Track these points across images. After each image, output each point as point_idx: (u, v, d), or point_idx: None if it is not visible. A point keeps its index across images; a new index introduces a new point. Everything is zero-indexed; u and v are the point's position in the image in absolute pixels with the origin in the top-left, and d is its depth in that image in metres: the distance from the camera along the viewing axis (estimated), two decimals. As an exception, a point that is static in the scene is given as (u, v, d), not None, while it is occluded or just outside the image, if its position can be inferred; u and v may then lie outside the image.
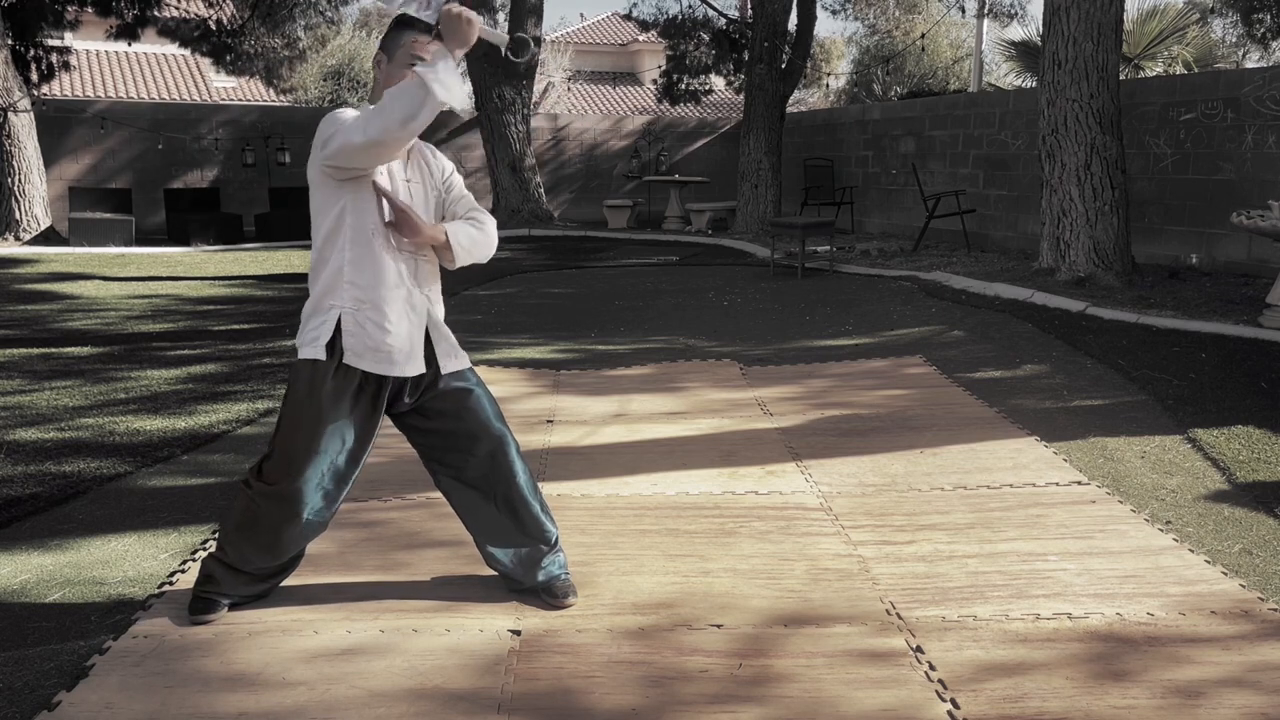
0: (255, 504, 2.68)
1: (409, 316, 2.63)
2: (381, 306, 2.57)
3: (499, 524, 2.81)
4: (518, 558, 2.84)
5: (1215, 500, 3.68)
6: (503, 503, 2.78)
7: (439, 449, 2.78)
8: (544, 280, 9.79)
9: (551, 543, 2.87)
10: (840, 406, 4.99)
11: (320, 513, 2.69)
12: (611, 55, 30.06)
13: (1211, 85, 9.08)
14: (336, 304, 2.58)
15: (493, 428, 2.77)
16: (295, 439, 2.61)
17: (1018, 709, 2.31)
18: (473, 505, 2.81)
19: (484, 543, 2.85)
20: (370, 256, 2.57)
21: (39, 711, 2.30)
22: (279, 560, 2.78)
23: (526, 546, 2.83)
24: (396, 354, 2.60)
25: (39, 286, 9.27)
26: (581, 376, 5.76)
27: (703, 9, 15.38)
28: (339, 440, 2.63)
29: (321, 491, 2.66)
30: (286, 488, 2.63)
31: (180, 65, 24.57)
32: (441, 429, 2.75)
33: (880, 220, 13.87)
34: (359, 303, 2.57)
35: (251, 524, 2.70)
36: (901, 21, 28.06)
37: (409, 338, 2.63)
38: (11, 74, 12.44)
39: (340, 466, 2.66)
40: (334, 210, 2.56)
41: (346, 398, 2.61)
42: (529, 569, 2.85)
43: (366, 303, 2.57)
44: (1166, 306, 7.08)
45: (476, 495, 2.79)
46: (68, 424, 4.68)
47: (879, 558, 3.18)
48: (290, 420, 2.63)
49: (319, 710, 2.32)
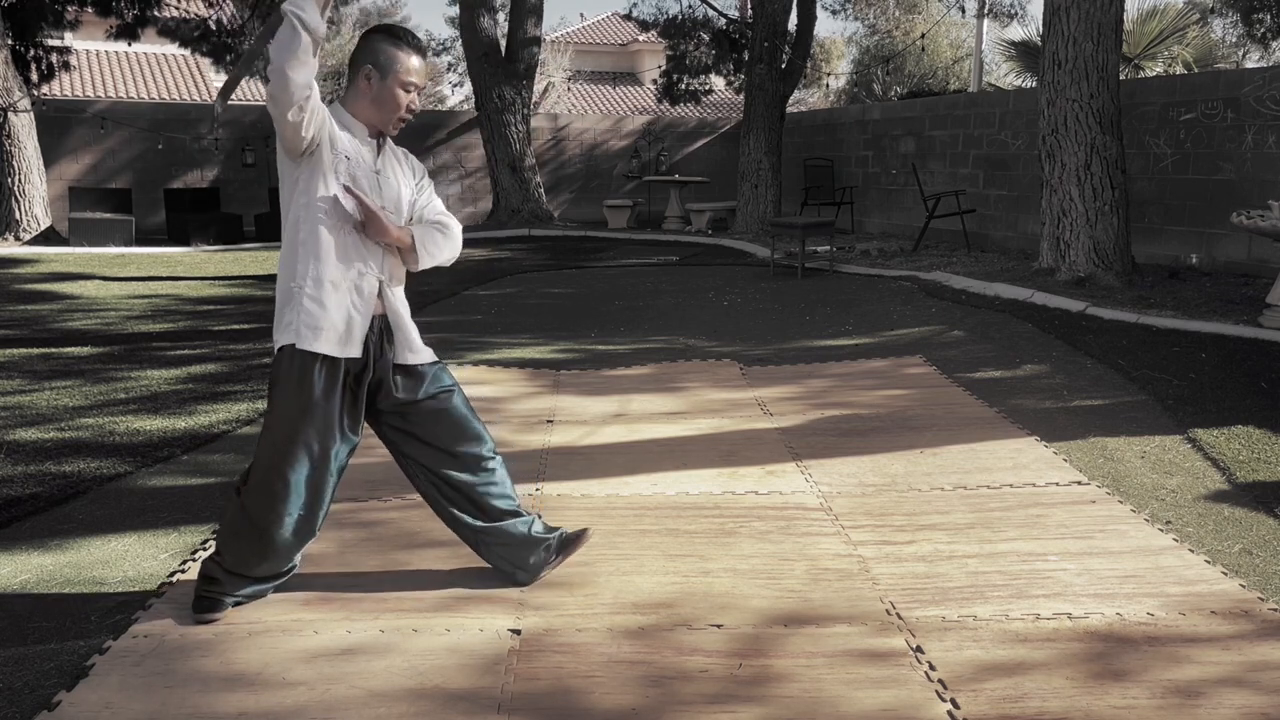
0: (245, 509, 2.70)
1: (352, 297, 2.62)
2: (323, 281, 2.59)
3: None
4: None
5: (1215, 500, 3.68)
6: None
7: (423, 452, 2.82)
8: (544, 280, 9.78)
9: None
10: (840, 406, 4.99)
11: (307, 510, 2.69)
12: (611, 55, 30.06)
13: (1211, 85, 9.08)
14: (294, 285, 2.61)
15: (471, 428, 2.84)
16: (276, 433, 2.64)
17: (1018, 709, 2.31)
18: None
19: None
20: (317, 234, 2.58)
21: (39, 711, 2.30)
22: (278, 567, 2.80)
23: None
24: (329, 332, 2.59)
25: (39, 286, 9.27)
26: (581, 376, 5.76)
27: (703, 9, 15.39)
28: (317, 431, 2.63)
29: (304, 486, 2.66)
30: (274, 484, 2.64)
31: (180, 65, 24.57)
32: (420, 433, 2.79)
33: (880, 220, 13.87)
34: (303, 278, 2.59)
35: (242, 528, 2.71)
36: (901, 21, 28.09)
37: (346, 318, 2.61)
38: (11, 74, 12.44)
39: (316, 456, 2.65)
40: (291, 190, 2.60)
41: (310, 383, 2.60)
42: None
43: (308, 278, 2.59)
44: (1166, 306, 7.08)
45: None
46: (68, 424, 4.68)
47: (879, 558, 3.18)
48: (270, 414, 2.67)
49: (319, 710, 2.32)
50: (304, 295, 2.58)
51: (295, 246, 2.60)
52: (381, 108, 2.63)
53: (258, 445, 2.71)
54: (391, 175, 2.72)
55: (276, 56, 2.39)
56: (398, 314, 2.73)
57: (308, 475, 2.66)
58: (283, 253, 2.65)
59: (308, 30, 2.38)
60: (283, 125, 2.45)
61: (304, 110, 2.43)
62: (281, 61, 2.37)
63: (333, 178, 2.58)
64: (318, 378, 2.61)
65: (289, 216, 2.62)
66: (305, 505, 2.69)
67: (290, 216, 2.61)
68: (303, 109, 2.42)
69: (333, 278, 2.59)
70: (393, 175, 2.72)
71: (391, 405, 2.76)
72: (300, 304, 2.59)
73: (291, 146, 2.51)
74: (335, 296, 2.60)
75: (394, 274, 2.72)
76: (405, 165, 2.79)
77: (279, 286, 2.66)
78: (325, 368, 2.61)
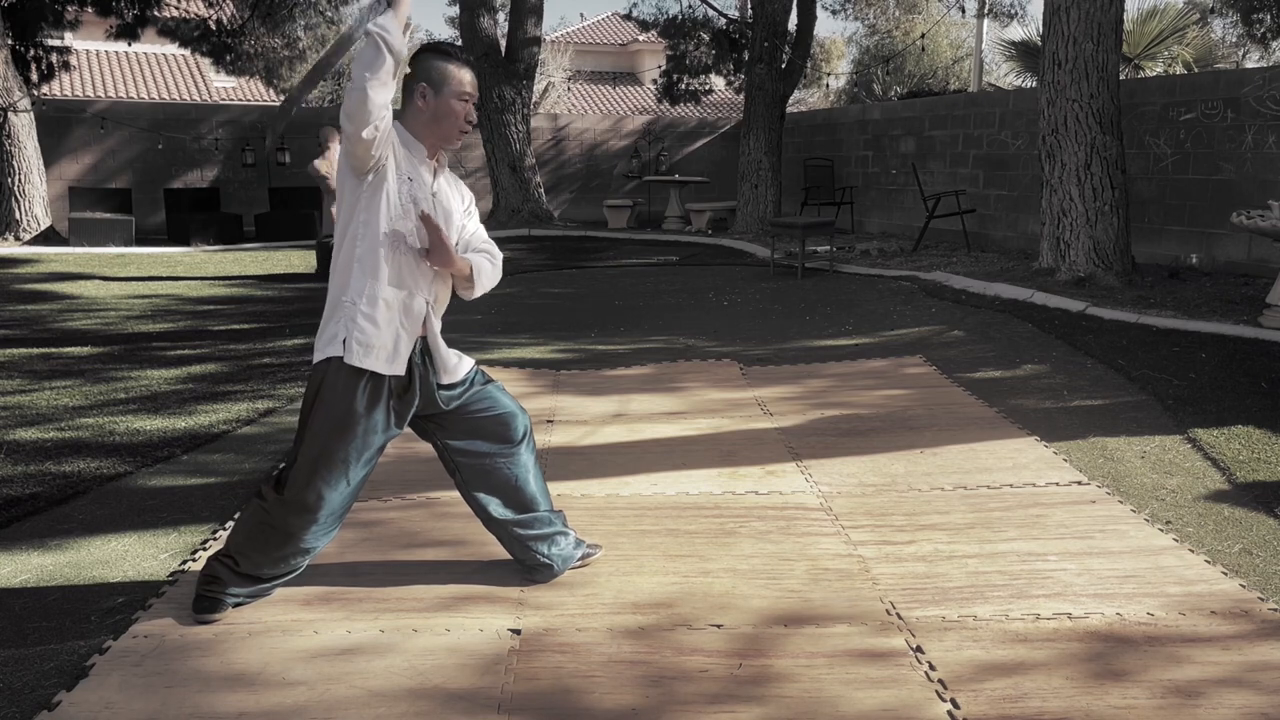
0: (270, 515, 2.70)
1: (400, 319, 2.65)
2: (378, 299, 2.61)
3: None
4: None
5: (1215, 500, 3.68)
6: None
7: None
8: (544, 280, 9.78)
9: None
10: (840, 406, 5.00)
11: (334, 519, 2.74)
12: (611, 55, 30.06)
13: (1211, 85, 9.08)
14: (348, 300, 2.62)
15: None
16: (315, 445, 2.63)
17: (1018, 709, 2.31)
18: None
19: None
20: (376, 254, 2.60)
21: (39, 711, 2.30)
22: (294, 569, 2.82)
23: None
24: (380, 350, 2.62)
25: (39, 286, 9.27)
26: (581, 376, 5.76)
27: (703, 9, 15.38)
28: (356, 446, 2.65)
29: (336, 498, 2.69)
30: (307, 496, 2.65)
31: (180, 65, 24.58)
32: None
33: (880, 220, 13.87)
34: (358, 296, 2.61)
35: (266, 536, 2.72)
36: (901, 21, 28.09)
37: (395, 337, 2.65)
38: (11, 74, 12.45)
39: (353, 470, 2.68)
40: (351, 207, 2.61)
41: (355, 399, 2.62)
42: None
43: (363, 296, 2.61)
44: (1166, 306, 7.08)
45: None
46: (68, 424, 4.69)
47: (879, 558, 3.18)
48: (310, 426, 2.65)
49: (319, 710, 2.32)
50: (358, 312, 2.60)
51: (351, 262, 2.62)
52: (441, 122, 2.66)
53: (294, 456, 2.68)
54: (445, 198, 2.75)
55: (359, 75, 2.43)
56: (436, 337, 2.76)
57: (342, 488, 2.68)
58: (336, 266, 2.65)
59: (392, 53, 2.44)
60: (355, 143, 2.48)
61: (378, 130, 2.48)
62: (364, 80, 2.42)
63: (395, 197, 2.62)
64: (361, 393, 2.63)
65: (346, 231, 2.63)
66: (335, 516, 2.74)
67: (348, 232, 2.62)
68: (377, 128, 2.47)
69: (386, 297, 2.62)
70: (445, 198, 2.76)
71: (433, 414, 2.81)
72: (354, 321, 2.60)
73: (359, 164, 2.54)
74: (387, 315, 2.62)
75: (439, 297, 2.78)
76: (456, 190, 2.84)
77: (330, 299, 2.67)
78: (370, 384, 2.63)
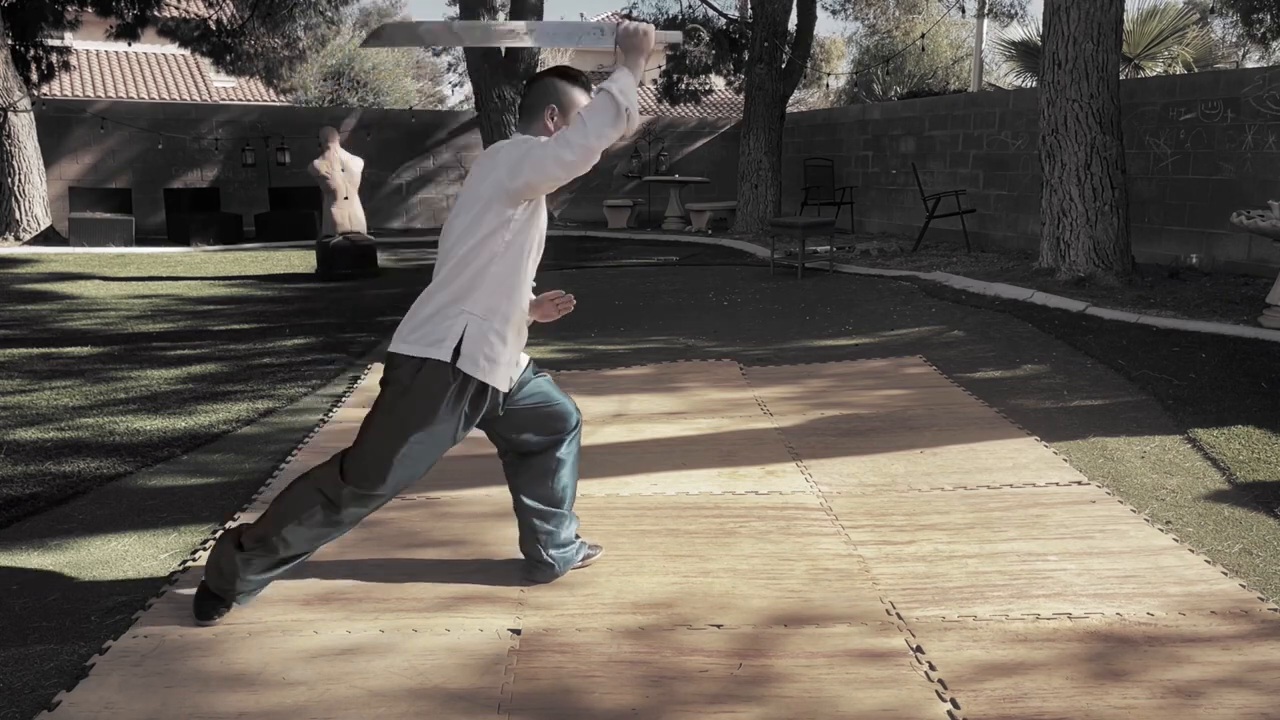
0: (330, 496, 2.65)
1: (517, 337, 2.76)
2: (508, 320, 2.68)
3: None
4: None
5: (1215, 500, 3.68)
6: None
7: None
8: (544, 280, 9.70)
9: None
10: (840, 406, 5.00)
11: (380, 508, 2.79)
12: (611, 55, 29.94)
13: (1211, 85, 9.08)
14: (468, 310, 2.62)
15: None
16: (398, 441, 2.61)
17: (1018, 709, 2.31)
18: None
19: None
20: (516, 275, 2.68)
21: (39, 711, 2.30)
22: (312, 550, 2.80)
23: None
24: (503, 368, 2.70)
25: (39, 286, 9.27)
26: (581, 376, 5.76)
27: (703, 9, 15.39)
28: (434, 445, 2.65)
29: (393, 490, 2.69)
30: (379, 489, 2.64)
31: (180, 65, 24.58)
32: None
33: (880, 220, 13.87)
34: (490, 313, 2.64)
35: (314, 514, 2.66)
36: (901, 21, 28.10)
37: (513, 355, 2.75)
38: (11, 74, 12.45)
39: (419, 468, 2.69)
40: (498, 224, 2.62)
41: (452, 403, 2.62)
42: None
43: (497, 314, 2.65)
44: (1166, 306, 7.08)
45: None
46: (68, 424, 4.69)
47: (879, 558, 3.18)
48: (390, 420, 2.62)
49: (319, 710, 2.32)
50: (490, 329, 2.63)
51: (484, 278, 2.63)
52: None
53: (367, 446, 2.64)
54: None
55: (596, 134, 2.52)
56: (521, 355, 2.87)
57: (401, 481, 2.68)
58: (463, 275, 2.62)
59: (629, 121, 2.55)
60: (551, 184, 2.61)
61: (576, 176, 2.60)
62: (597, 140, 2.53)
63: (542, 229, 2.76)
64: (461, 401, 2.64)
65: (484, 247, 2.62)
66: (381, 505, 2.77)
67: (484, 247, 2.62)
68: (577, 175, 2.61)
69: (515, 319, 2.71)
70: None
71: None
72: (485, 338, 2.62)
73: (536, 195, 2.64)
74: (514, 336, 2.72)
75: (529, 315, 2.89)
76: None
77: (441, 300, 2.64)
78: (475, 394, 2.66)
